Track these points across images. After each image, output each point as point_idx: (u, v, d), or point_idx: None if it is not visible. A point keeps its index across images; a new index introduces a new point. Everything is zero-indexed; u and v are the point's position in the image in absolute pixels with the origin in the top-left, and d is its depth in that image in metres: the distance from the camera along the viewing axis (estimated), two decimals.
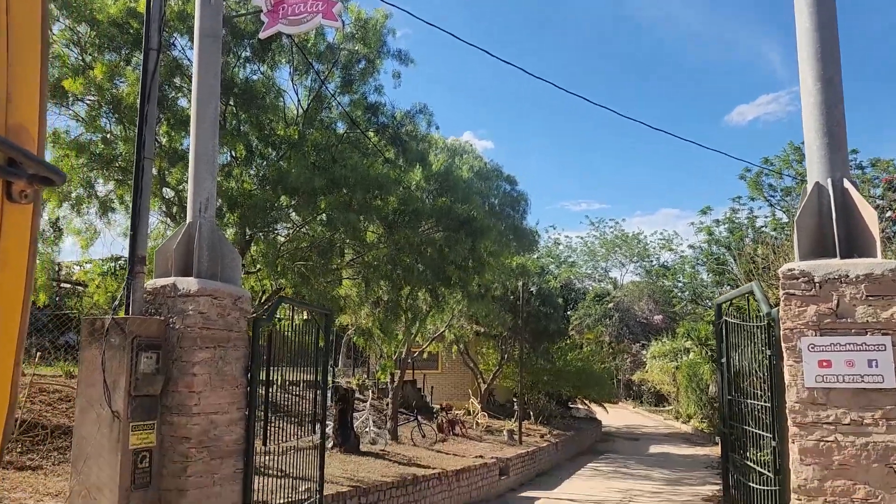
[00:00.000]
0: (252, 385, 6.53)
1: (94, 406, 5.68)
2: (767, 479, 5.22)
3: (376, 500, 10.06)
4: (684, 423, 35.78)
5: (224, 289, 6.33)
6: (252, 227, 9.20)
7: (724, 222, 31.98)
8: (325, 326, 8.35)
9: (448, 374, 26.22)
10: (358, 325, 12.25)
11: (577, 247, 64.41)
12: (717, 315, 6.92)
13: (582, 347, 29.16)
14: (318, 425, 8.17)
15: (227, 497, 6.15)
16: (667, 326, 49.00)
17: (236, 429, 6.33)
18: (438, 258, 10.86)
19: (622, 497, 15.37)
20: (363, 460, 12.54)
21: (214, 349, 6.13)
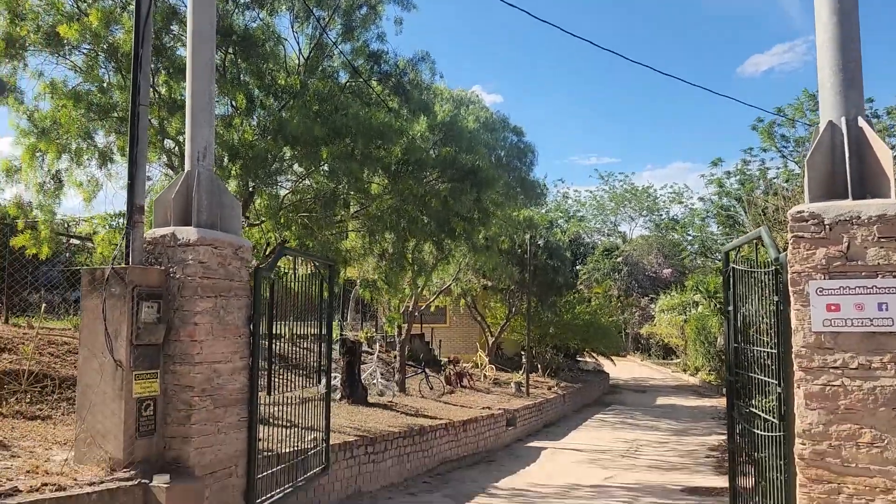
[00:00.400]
0: (255, 335, 6.51)
1: (97, 355, 5.68)
2: (772, 426, 5.17)
3: (383, 450, 10.16)
4: (692, 375, 36.00)
5: (224, 238, 6.27)
6: (254, 178, 9.09)
7: (735, 174, 31.70)
8: (330, 278, 8.30)
9: (456, 327, 26.33)
10: (364, 278, 12.21)
11: (585, 201, 64.10)
12: (725, 263, 6.80)
13: (590, 301, 29.14)
14: (323, 376, 8.19)
15: (232, 445, 6.18)
16: (675, 280, 48.95)
17: (240, 378, 6.33)
18: (443, 210, 10.75)
19: (628, 447, 15.52)
20: (371, 411, 12.65)
21: (216, 299, 6.09)
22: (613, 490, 10.96)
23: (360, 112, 9.39)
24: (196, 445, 5.79)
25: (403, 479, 10.70)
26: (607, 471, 12.62)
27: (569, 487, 11.10)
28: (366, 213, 10.34)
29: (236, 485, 6.21)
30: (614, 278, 51.08)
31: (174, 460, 5.78)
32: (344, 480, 9.09)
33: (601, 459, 13.88)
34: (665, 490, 10.91)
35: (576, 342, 25.97)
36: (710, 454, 14.57)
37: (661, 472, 12.61)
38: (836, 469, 4.16)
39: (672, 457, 14.30)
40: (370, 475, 9.71)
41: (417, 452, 11.23)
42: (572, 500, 10.23)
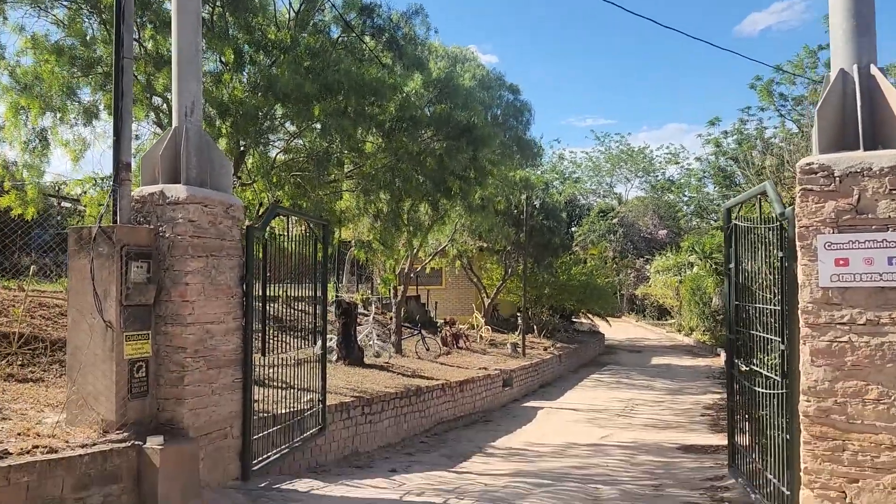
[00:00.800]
0: (248, 295, 6.39)
1: (86, 316, 5.55)
2: (774, 383, 5.10)
3: (380, 410, 10.14)
4: (686, 335, 36.23)
5: (214, 196, 6.10)
6: (245, 137, 8.87)
7: (732, 133, 31.43)
8: (324, 238, 8.15)
9: (451, 289, 26.30)
10: (358, 239, 12.06)
11: (581, 162, 63.78)
12: (726, 220, 6.68)
13: (586, 262, 29.10)
14: (319, 337, 8.11)
15: (227, 406, 6.11)
16: (671, 241, 49.01)
17: (233, 339, 6.23)
18: (438, 168, 10.55)
19: (624, 406, 15.59)
20: (367, 372, 12.62)
21: (207, 258, 5.95)
22: (610, 448, 10.99)
23: (353, 68, 9.14)
24: (190, 407, 5.71)
25: (400, 439, 10.71)
26: (603, 430, 12.67)
27: (565, 446, 11.13)
28: (360, 173, 10.14)
29: (232, 446, 6.16)
30: (610, 240, 51.07)
31: (168, 422, 5.70)
32: (341, 441, 9.07)
33: (597, 419, 13.93)
34: (661, 448, 10.95)
35: (572, 303, 25.99)
36: (706, 413, 14.64)
37: (657, 430, 12.67)
38: (841, 426, 4.09)
39: (668, 415, 14.37)
40: (367, 436, 9.70)
41: (414, 413, 11.23)
42: (569, 458, 10.25)
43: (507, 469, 9.34)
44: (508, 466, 9.55)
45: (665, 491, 7.94)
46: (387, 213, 10.63)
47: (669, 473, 9.25)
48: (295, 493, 6.16)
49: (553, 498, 6.78)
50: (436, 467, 9.28)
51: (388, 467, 8.92)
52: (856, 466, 4.03)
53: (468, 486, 7.40)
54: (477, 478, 8.46)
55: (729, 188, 31.77)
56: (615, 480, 8.69)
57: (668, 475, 9.15)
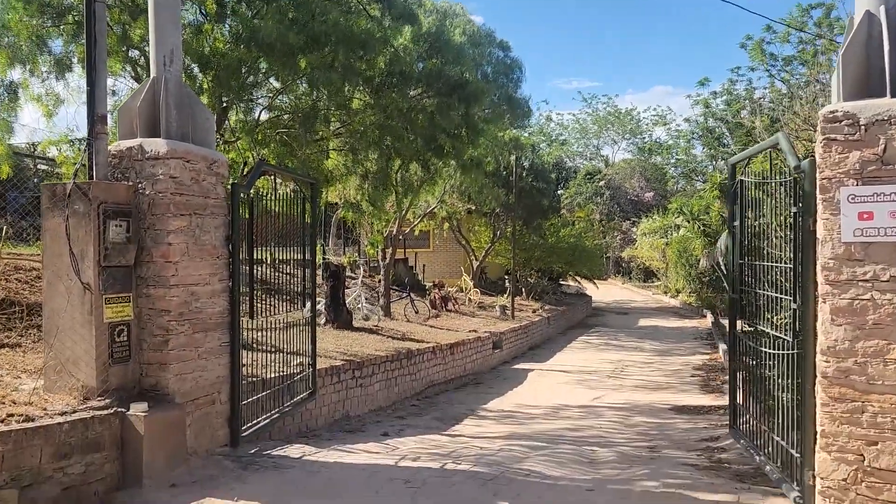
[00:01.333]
0: (234, 256, 6.10)
1: (62, 278, 5.26)
2: (783, 344, 4.93)
3: (371, 374, 9.96)
4: (672, 297, 36.35)
5: (197, 151, 5.77)
6: (228, 91, 8.48)
7: (721, 94, 31.02)
8: (312, 197, 7.85)
9: (440, 252, 26.06)
10: (346, 199, 11.73)
11: (568, 124, 63.23)
12: (731, 176, 6.44)
13: (574, 225, 28.91)
14: (308, 300, 7.85)
15: (214, 370, 5.86)
16: (657, 204, 48.91)
17: (219, 301, 5.96)
18: (429, 126, 10.21)
19: (614, 367, 15.55)
20: (356, 336, 12.42)
21: (190, 217, 5.65)
22: (601, 410, 10.92)
23: (340, 19, 8.72)
24: (175, 372, 5.47)
25: (391, 402, 10.56)
26: (595, 391, 12.61)
27: (557, 408, 11.05)
28: (348, 131, 9.77)
29: (220, 411, 5.93)
30: (596, 202, 50.91)
31: (152, 388, 5.46)
32: (331, 405, 8.89)
33: (588, 380, 13.87)
34: (653, 409, 10.89)
35: (560, 265, 25.86)
36: (696, 374, 14.62)
37: (648, 391, 12.61)
38: (860, 387, 3.91)
39: (658, 377, 14.33)
40: (358, 399, 9.53)
41: (405, 376, 11.07)
42: (562, 420, 10.16)
43: (500, 432, 9.23)
44: (501, 429, 9.44)
45: (661, 452, 7.85)
46: (376, 173, 10.30)
47: (664, 434, 9.19)
48: (286, 459, 5.97)
49: (549, 461, 6.64)
50: (428, 431, 9.14)
51: (379, 431, 8.77)
52: (875, 428, 3.87)
53: (463, 449, 7.26)
54: (471, 441, 8.33)
55: (717, 149, 31.54)
56: (610, 442, 8.60)
57: (662, 436, 9.08)
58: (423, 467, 5.75)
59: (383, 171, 10.21)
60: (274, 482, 5.26)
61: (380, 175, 10.26)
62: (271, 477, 5.39)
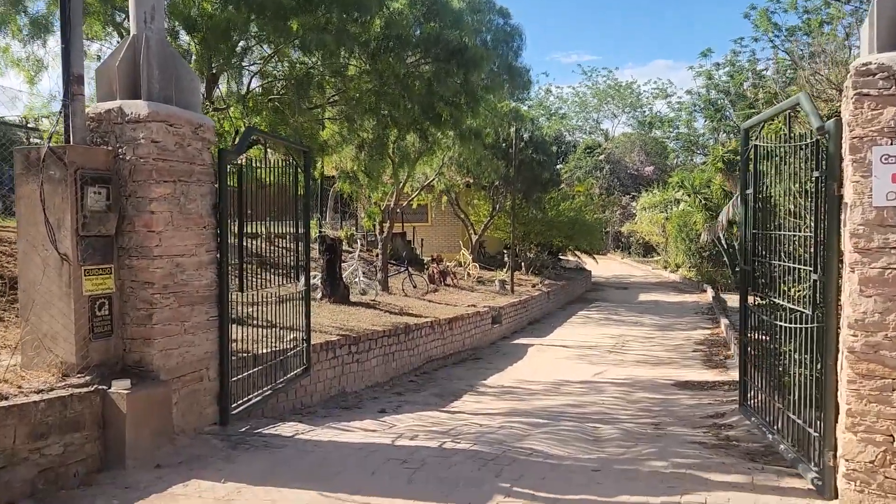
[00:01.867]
0: (222, 225, 5.80)
1: (38, 248, 4.96)
2: (802, 317, 4.66)
3: (367, 349, 9.71)
4: (672, 272, 36.13)
5: (181, 114, 5.44)
6: (216, 55, 8.11)
7: (724, 65, 30.58)
8: (305, 166, 7.52)
9: (437, 226, 25.74)
10: (342, 170, 11.38)
11: (568, 98, 62.55)
12: (744, 142, 6.13)
13: (574, 198, 28.55)
14: (302, 273, 7.57)
15: (201, 346, 5.59)
16: (657, 178, 48.54)
17: (207, 273, 5.67)
18: (427, 94, 9.85)
19: (615, 342, 15.33)
20: (353, 310, 12.16)
21: (174, 184, 5.34)
22: (603, 385, 10.70)
23: None
24: (160, 347, 5.19)
25: (389, 378, 10.33)
26: (596, 366, 12.39)
27: (558, 384, 10.83)
28: (343, 98, 9.39)
29: (208, 388, 5.67)
30: (596, 176, 50.49)
31: (136, 364, 5.19)
32: (327, 381, 8.65)
33: (589, 355, 13.65)
34: (656, 385, 10.67)
35: (560, 240, 25.55)
36: (697, 348, 14.41)
37: (650, 366, 12.40)
38: (890, 363, 3.65)
39: (660, 352, 14.12)
40: (354, 375, 9.29)
41: (403, 351, 10.83)
42: (563, 396, 9.94)
43: (500, 408, 9.01)
44: (501, 405, 9.22)
45: (666, 430, 7.62)
46: (372, 142, 9.95)
47: (668, 411, 8.97)
48: (278, 437, 5.72)
49: (552, 438, 6.41)
50: (427, 407, 8.91)
51: (376, 408, 8.54)
52: None
53: (462, 427, 7.02)
54: (470, 418, 8.09)
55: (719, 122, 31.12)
56: (613, 419, 8.38)
57: (666, 412, 8.86)
58: (420, 446, 5.50)
59: (380, 140, 9.86)
60: (264, 462, 5.02)
61: (376, 144, 9.91)
62: (262, 456, 5.15)
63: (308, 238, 7.75)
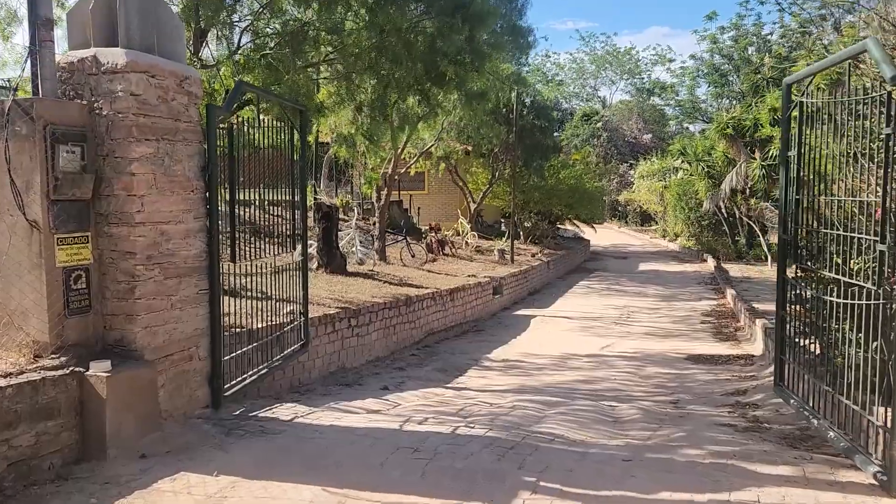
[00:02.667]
0: (212, 189, 5.25)
1: (3, 215, 4.41)
2: (863, 292, 4.17)
3: (367, 322, 9.22)
4: (671, 241, 35.71)
5: (163, 65, 4.85)
6: (204, 5, 7.46)
7: (729, 29, 29.77)
8: (301, 126, 6.95)
9: (435, 194, 25.13)
10: (339, 133, 10.77)
11: (565, 64, 61.47)
12: (786, 98, 5.59)
13: (574, 166, 27.91)
14: (299, 242, 7.04)
15: (190, 322, 5.08)
16: (655, 146, 47.87)
17: (195, 242, 5.13)
18: (430, 51, 9.21)
19: (620, 314, 14.90)
20: (351, 281, 11.65)
21: (157, 143, 4.77)
22: (612, 360, 10.27)
23: None
24: (144, 324, 4.67)
25: (390, 352, 9.86)
26: (602, 339, 11.95)
27: (565, 357, 10.39)
28: (340, 54, 8.74)
29: (198, 369, 5.17)
30: (593, 144, 49.75)
31: (118, 343, 4.67)
32: (326, 357, 8.17)
33: (594, 327, 13.22)
34: (666, 359, 10.25)
35: (560, 208, 24.99)
36: (705, 320, 14.00)
37: (659, 339, 11.98)
38: None
39: (667, 323, 13.70)
40: (354, 350, 8.82)
41: (404, 324, 10.35)
42: (571, 371, 9.51)
43: (508, 384, 8.57)
44: (509, 381, 8.78)
45: (687, 408, 7.21)
46: (372, 103, 9.32)
47: (684, 387, 8.55)
48: (275, 422, 5.25)
49: (570, 420, 5.97)
50: (430, 383, 8.47)
51: (378, 385, 8.08)
52: None
53: (472, 407, 6.57)
54: (478, 396, 7.65)
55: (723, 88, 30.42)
56: (629, 396, 7.95)
57: (682, 389, 8.44)
58: (431, 432, 5.03)
59: (380, 100, 9.24)
60: (260, 451, 4.54)
61: (376, 105, 9.30)
62: (257, 444, 4.67)
63: (304, 205, 7.21)
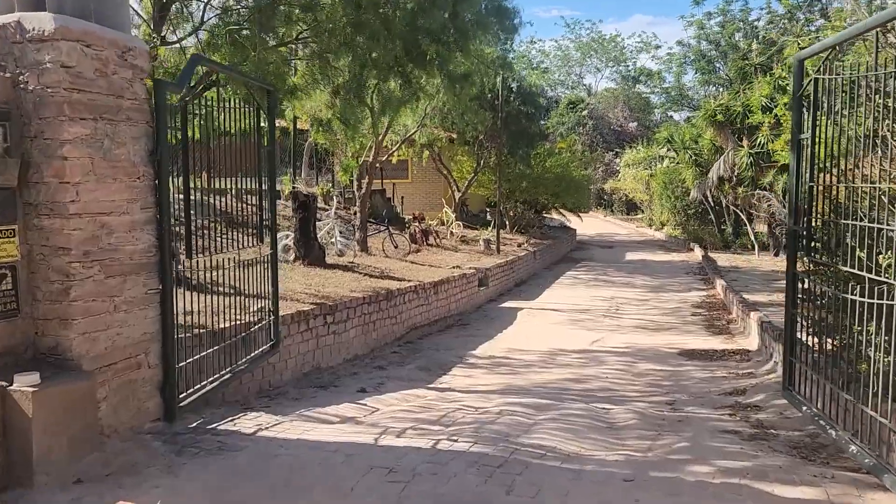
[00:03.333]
0: (162, 175, 4.67)
1: None
2: (890, 291, 3.70)
3: (345, 318, 8.68)
4: (657, 230, 35.41)
5: (101, 33, 4.26)
6: None
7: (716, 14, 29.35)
8: (269, 107, 6.38)
9: (419, 183, 24.54)
10: (316, 118, 10.17)
11: (550, 51, 60.87)
12: (798, 76, 5.09)
13: (559, 154, 27.41)
14: (267, 234, 6.48)
15: (138, 325, 4.51)
16: (641, 134, 47.53)
17: (143, 235, 4.56)
18: (410, 29, 8.63)
19: (608, 305, 14.46)
20: (330, 273, 11.09)
21: (95, 122, 4.19)
22: (602, 356, 9.81)
23: None
24: (81, 330, 4.11)
25: (370, 349, 9.33)
26: (591, 333, 11.49)
27: (553, 353, 9.92)
28: (314, 31, 8.13)
29: (148, 377, 4.61)
30: (579, 132, 49.33)
31: (51, 351, 4.10)
32: (299, 356, 7.62)
33: (582, 320, 12.76)
34: (659, 354, 9.81)
35: (546, 197, 24.50)
36: (696, 312, 13.60)
37: (650, 333, 11.54)
38: None
39: (657, 316, 13.27)
40: (330, 348, 8.27)
41: (385, 319, 9.81)
42: (560, 368, 9.04)
43: (494, 384, 8.08)
44: (495, 380, 8.29)
45: (685, 411, 6.75)
46: (348, 83, 8.73)
47: (679, 386, 8.10)
48: (236, 436, 4.70)
49: (562, 428, 5.47)
50: (412, 383, 7.96)
51: (356, 386, 7.56)
52: None
53: (456, 412, 6.06)
54: (463, 398, 7.15)
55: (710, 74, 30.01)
56: (621, 397, 7.48)
57: (678, 388, 7.99)
58: (410, 447, 4.51)
59: (357, 80, 8.64)
60: (215, 474, 4.00)
61: (353, 87, 8.71)
62: (213, 465, 4.13)
63: (274, 193, 6.63)
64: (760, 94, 17.69)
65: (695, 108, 32.30)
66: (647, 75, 52.29)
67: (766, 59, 22.38)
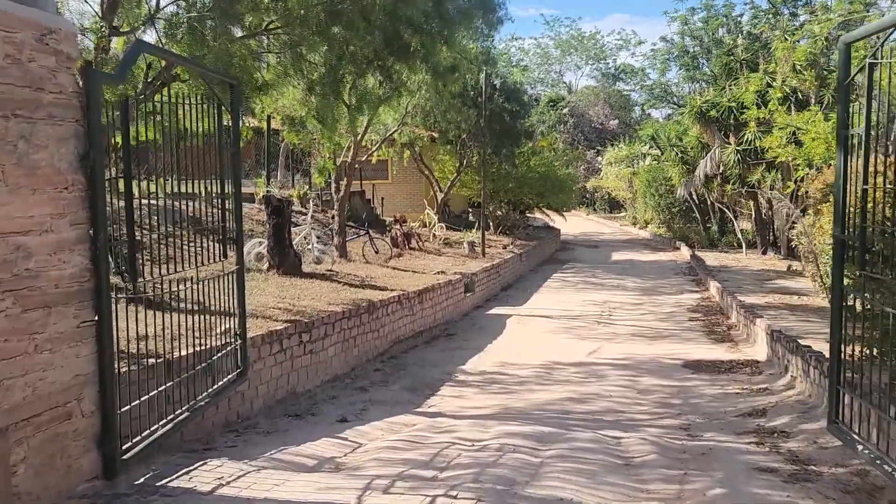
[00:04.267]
0: (95, 184, 3.86)
1: None
2: None
3: (323, 336, 7.87)
4: (641, 228, 34.97)
5: (14, 11, 3.45)
6: None
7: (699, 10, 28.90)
8: (233, 103, 5.58)
9: (399, 183, 23.73)
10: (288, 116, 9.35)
11: (530, 49, 60.29)
12: (844, 63, 4.40)
13: (543, 153, 26.78)
14: (231, 248, 5.68)
15: (68, 367, 3.70)
16: (622, 132, 47.15)
17: (73, 258, 3.75)
18: (391, 19, 7.87)
19: (600, 311, 13.79)
20: (306, 284, 10.27)
21: (6, 120, 3.38)
22: (602, 369, 9.12)
23: None
24: None
25: (350, 368, 8.53)
26: (586, 342, 10.80)
27: (549, 367, 9.21)
28: (284, 18, 7.29)
29: (81, 429, 3.80)
30: (560, 131, 48.80)
31: None
32: (272, 381, 6.82)
33: (575, 328, 12.07)
34: (662, 367, 9.15)
35: (531, 197, 23.81)
36: (693, 317, 12.99)
37: (648, 341, 10.88)
38: None
39: (653, 321, 12.63)
40: (307, 370, 7.47)
41: (366, 334, 9.02)
42: (559, 385, 8.33)
43: (487, 406, 7.34)
44: (488, 402, 7.55)
45: (703, 437, 6.07)
46: (323, 77, 7.94)
47: (690, 405, 7.42)
48: (191, 495, 3.91)
49: (576, 471, 4.75)
50: (398, 408, 7.21)
51: (335, 413, 6.79)
52: None
53: (450, 450, 5.32)
54: (455, 426, 6.41)
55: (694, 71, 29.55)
56: (630, 421, 6.78)
57: (689, 407, 7.31)
58: None
59: (333, 75, 7.85)
60: None
61: (328, 81, 7.91)
62: None
63: (239, 200, 5.82)
64: (753, 89, 17.12)
65: (678, 105, 31.81)
66: (629, 72, 51.88)
67: (751, 56, 21.90)
